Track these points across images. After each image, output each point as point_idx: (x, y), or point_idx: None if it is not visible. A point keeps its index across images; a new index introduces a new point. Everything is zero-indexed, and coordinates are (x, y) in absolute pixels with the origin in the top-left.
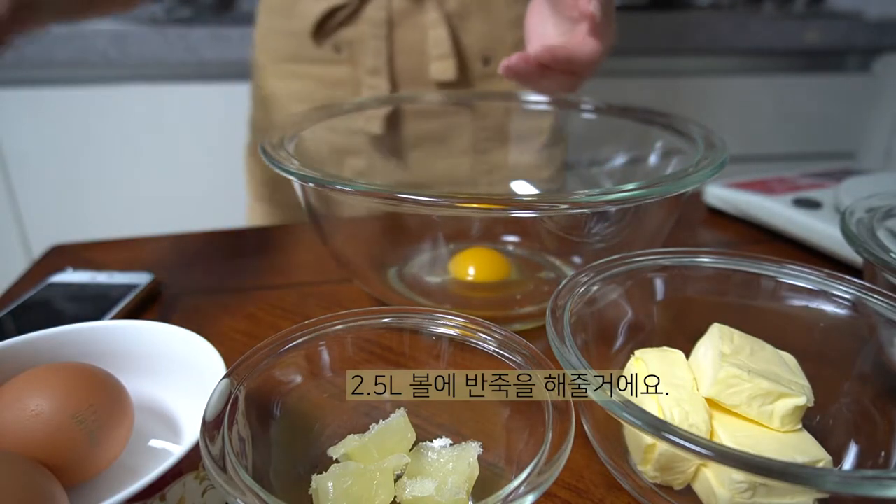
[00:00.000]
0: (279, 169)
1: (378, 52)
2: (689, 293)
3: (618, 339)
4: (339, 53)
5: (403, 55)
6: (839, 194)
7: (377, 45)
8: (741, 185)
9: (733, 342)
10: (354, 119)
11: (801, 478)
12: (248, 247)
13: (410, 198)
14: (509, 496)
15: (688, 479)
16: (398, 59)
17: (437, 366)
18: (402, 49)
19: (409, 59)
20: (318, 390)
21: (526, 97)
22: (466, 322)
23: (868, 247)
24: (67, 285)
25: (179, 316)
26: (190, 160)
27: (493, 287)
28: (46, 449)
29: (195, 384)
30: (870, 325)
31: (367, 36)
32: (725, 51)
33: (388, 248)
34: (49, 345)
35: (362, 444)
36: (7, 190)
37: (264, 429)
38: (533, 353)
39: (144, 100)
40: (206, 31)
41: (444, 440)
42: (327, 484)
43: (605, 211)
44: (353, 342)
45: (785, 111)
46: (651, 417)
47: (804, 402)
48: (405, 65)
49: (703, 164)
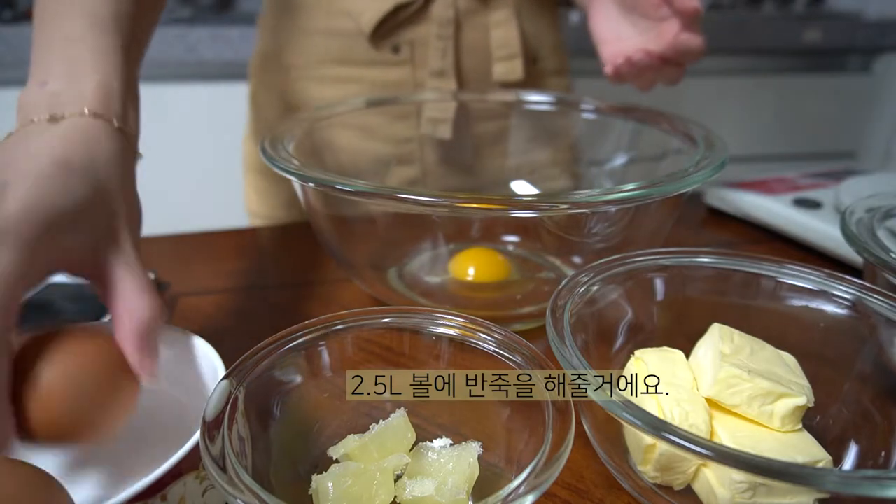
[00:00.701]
0: (280, 169)
1: (445, 52)
2: (689, 293)
3: (618, 339)
4: (397, 54)
5: (468, 56)
6: (839, 194)
7: (444, 45)
8: (741, 185)
9: (733, 342)
10: (405, 126)
11: (801, 478)
12: (248, 247)
13: (410, 198)
14: (509, 496)
15: (688, 479)
16: (464, 60)
17: (438, 366)
18: (467, 49)
19: (474, 59)
20: (318, 390)
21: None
22: (466, 322)
23: (868, 247)
24: (67, 285)
25: (179, 316)
26: (190, 160)
27: (493, 287)
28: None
29: (194, 385)
30: (870, 325)
31: (431, 36)
32: (725, 51)
33: (388, 248)
34: None
35: (362, 444)
36: None
37: (264, 429)
38: (533, 353)
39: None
40: (206, 31)
41: (445, 440)
42: (327, 484)
43: (605, 211)
44: (353, 342)
45: (785, 111)
46: (651, 417)
47: (804, 402)
48: (470, 66)
49: (703, 164)
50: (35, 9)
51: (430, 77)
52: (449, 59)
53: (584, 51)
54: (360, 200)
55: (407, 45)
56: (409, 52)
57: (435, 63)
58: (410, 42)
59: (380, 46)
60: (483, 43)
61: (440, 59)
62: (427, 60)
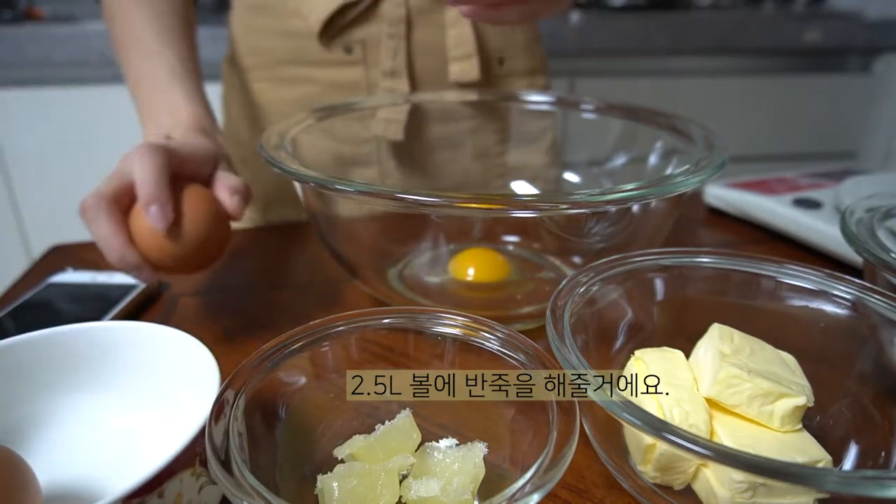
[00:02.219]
0: (280, 169)
1: (396, 52)
2: (689, 293)
3: (618, 339)
4: (349, 54)
5: (422, 55)
6: (839, 194)
7: (395, 44)
8: (741, 185)
9: (733, 342)
10: (363, 127)
11: (801, 478)
12: (248, 247)
13: (410, 198)
14: (515, 495)
15: (688, 479)
16: (417, 59)
17: (441, 366)
18: (420, 49)
19: (428, 59)
20: (322, 391)
21: (530, 97)
22: (469, 321)
23: (868, 247)
24: (67, 285)
25: (179, 316)
26: None
27: (493, 287)
28: None
29: (190, 385)
30: (870, 325)
31: (382, 35)
32: (725, 51)
33: (388, 248)
34: (49, 345)
35: (367, 444)
36: (7, 190)
37: (270, 430)
38: (536, 351)
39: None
40: (205, 31)
41: (450, 440)
42: (332, 484)
43: (605, 211)
44: (356, 343)
45: (785, 111)
46: (651, 417)
47: (804, 402)
48: (424, 66)
49: (703, 164)
50: (126, 71)
51: (382, 77)
52: (401, 58)
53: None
54: (360, 200)
55: (358, 45)
56: (360, 51)
57: (386, 63)
58: (362, 42)
59: (331, 46)
60: (438, 42)
61: (391, 58)
62: (379, 60)
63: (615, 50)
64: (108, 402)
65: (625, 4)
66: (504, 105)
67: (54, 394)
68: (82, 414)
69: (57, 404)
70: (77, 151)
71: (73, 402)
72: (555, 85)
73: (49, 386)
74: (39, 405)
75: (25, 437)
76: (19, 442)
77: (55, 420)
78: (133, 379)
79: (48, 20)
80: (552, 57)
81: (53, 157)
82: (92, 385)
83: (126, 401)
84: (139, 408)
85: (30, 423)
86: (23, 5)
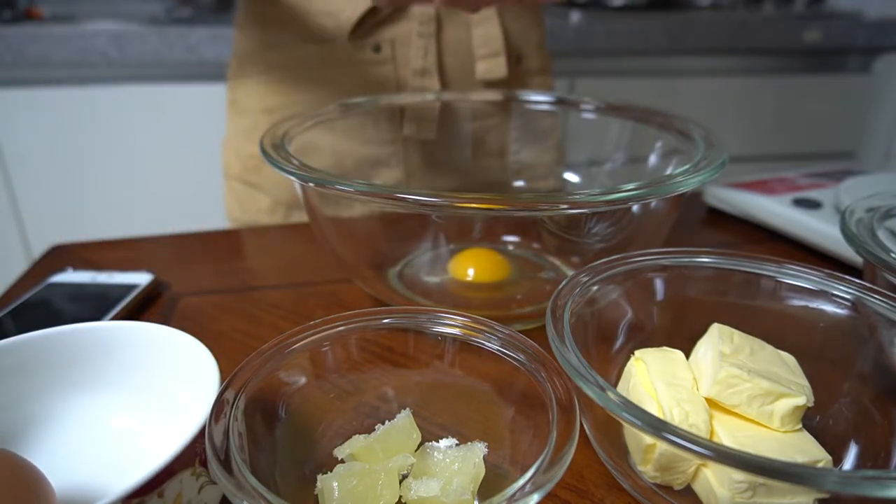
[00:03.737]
0: (280, 169)
1: (427, 50)
2: (689, 293)
3: (618, 339)
4: (378, 54)
5: (451, 54)
6: (839, 194)
7: (425, 43)
8: (741, 185)
9: (733, 342)
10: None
11: (801, 478)
12: (248, 247)
13: (410, 198)
14: (514, 495)
15: (688, 479)
16: (446, 58)
17: (441, 365)
18: (449, 48)
19: (457, 57)
20: (322, 391)
21: (530, 97)
22: (469, 321)
23: (868, 247)
24: (67, 285)
25: (180, 316)
26: (190, 160)
27: (493, 287)
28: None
29: (190, 385)
30: (870, 325)
31: (412, 34)
32: (725, 51)
33: (388, 248)
34: (49, 345)
35: (368, 444)
36: (7, 190)
37: (270, 430)
38: (537, 351)
39: (144, 100)
40: (206, 31)
41: (450, 440)
42: (332, 484)
43: (605, 211)
44: (356, 343)
45: (785, 111)
46: (651, 417)
47: (804, 402)
48: (453, 64)
49: (703, 165)
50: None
51: (412, 76)
52: (431, 57)
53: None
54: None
55: (388, 44)
56: (390, 50)
57: (417, 62)
58: (391, 41)
59: (360, 46)
60: (465, 40)
61: (422, 57)
62: (409, 59)
63: (615, 50)
64: (108, 402)
65: (624, 4)
66: (515, 104)
67: (54, 394)
68: (82, 414)
69: (57, 404)
70: (77, 151)
71: (73, 402)
72: (555, 85)
73: (49, 386)
74: (39, 405)
75: (25, 437)
76: (19, 442)
77: (55, 420)
78: (133, 379)
79: (48, 20)
80: (552, 57)
81: (53, 157)
82: (92, 385)
83: (126, 401)
84: (139, 408)
85: (29, 423)
86: (23, 5)
